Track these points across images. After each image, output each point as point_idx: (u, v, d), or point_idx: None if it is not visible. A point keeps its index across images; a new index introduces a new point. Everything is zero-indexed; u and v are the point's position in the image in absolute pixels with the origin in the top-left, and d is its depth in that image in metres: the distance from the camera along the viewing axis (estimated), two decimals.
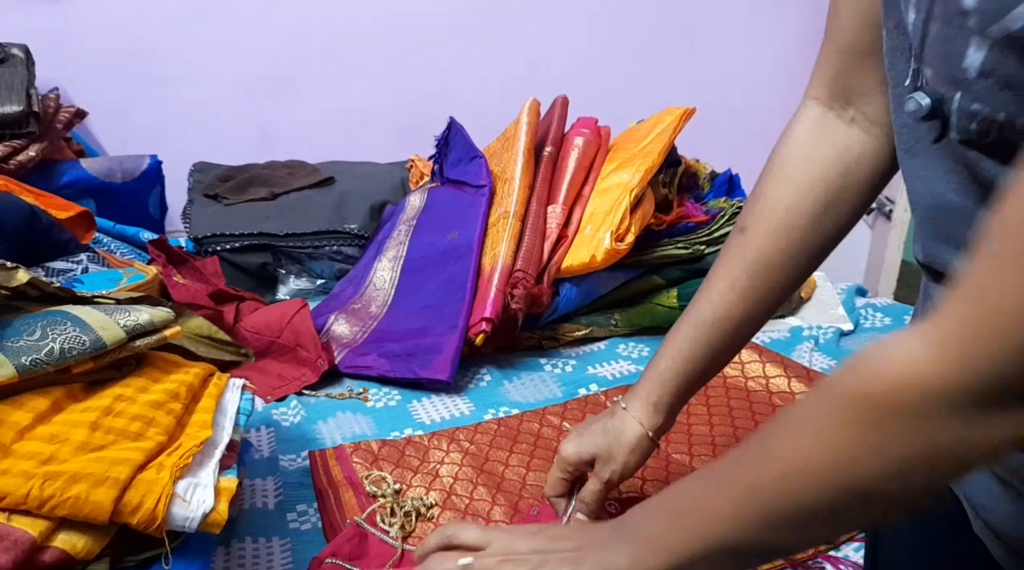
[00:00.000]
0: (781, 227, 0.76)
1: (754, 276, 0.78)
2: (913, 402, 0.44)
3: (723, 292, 0.79)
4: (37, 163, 1.57)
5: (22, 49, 1.69)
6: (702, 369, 0.84)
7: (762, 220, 0.77)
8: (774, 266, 0.77)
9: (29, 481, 0.72)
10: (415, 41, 2.39)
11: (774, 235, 0.76)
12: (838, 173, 0.74)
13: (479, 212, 1.51)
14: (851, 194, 0.75)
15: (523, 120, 1.58)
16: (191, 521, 0.77)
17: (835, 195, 0.75)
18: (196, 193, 1.81)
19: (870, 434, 0.47)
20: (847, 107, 0.73)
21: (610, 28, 2.49)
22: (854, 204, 0.75)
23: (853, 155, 0.74)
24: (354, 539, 0.93)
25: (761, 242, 0.77)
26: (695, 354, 0.82)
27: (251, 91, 2.34)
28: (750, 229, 0.78)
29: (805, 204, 0.75)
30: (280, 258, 1.66)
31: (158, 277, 1.32)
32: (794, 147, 0.77)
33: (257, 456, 1.11)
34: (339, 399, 1.28)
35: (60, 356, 0.81)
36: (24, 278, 0.85)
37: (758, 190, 0.79)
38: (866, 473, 0.47)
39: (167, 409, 0.85)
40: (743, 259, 0.78)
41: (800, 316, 1.55)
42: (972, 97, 0.47)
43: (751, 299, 0.78)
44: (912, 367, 0.44)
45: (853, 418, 0.47)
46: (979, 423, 0.43)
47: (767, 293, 0.79)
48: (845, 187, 0.74)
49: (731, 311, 0.79)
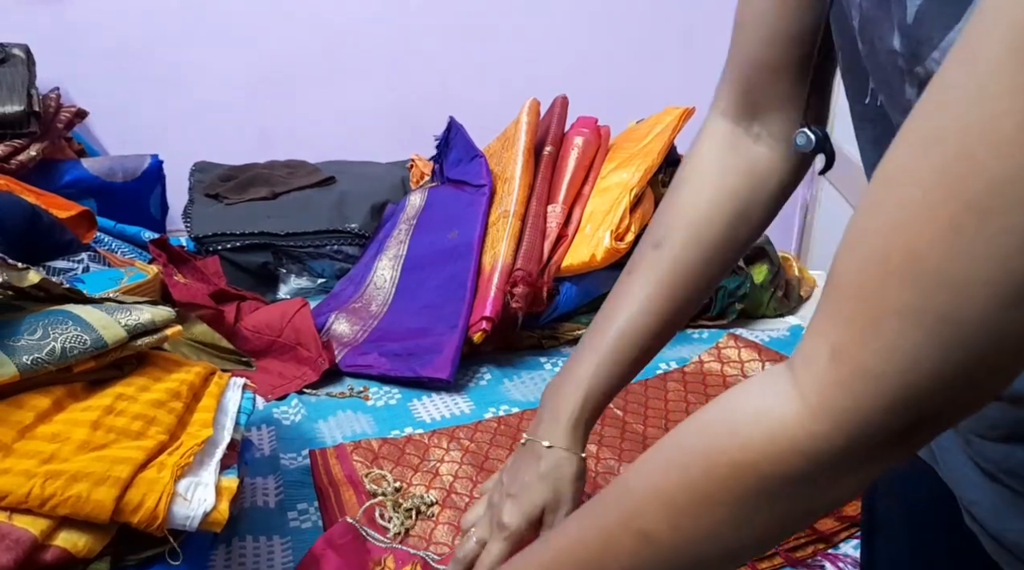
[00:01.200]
0: (697, 239, 0.76)
1: (672, 287, 0.77)
2: (802, 470, 0.44)
3: (641, 305, 0.78)
4: (38, 163, 1.57)
5: (23, 49, 1.70)
6: (617, 386, 0.82)
7: (677, 233, 0.77)
8: (690, 277, 0.77)
9: (30, 480, 0.72)
10: (415, 41, 2.39)
11: (690, 247, 0.76)
12: (748, 187, 0.74)
13: (479, 211, 1.51)
14: (758, 209, 0.75)
15: (523, 120, 1.58)
16: (192, 520, 0.77)
17: (745, 208, 0.75)
18: (197, 193, 1.81)
19: (760, 504, 0.46)
20: (752, 123, 0.73)
21: (610, 28, 2.49)
22: (761, 218, 0.76)
23: (760, 170, 0.74)
24: (347, 536, 0.93)
25: (676, 254, 0.76)
26: (613, 372, 0.80)
27: (252, 91, 2.34)
28: (665, 242, 0.77)
29: (718, 217, 0.75)
30: (281, 257, 1.66)
31: (159, 276, 1.32)
32: (706, 160, 0.77)
33: (258, 455, 1.11)
34: (339, 398, 1.28)
35: (61, 355, 0.81)
36: (35, 279, 0.86)
37: (670, 202, 0.79)
38: (745, 540, 0.48)
39: (168, 408, 0.85)
40: (660, 272, 0.77)
41: (800, 315, 1.55)
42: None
43: (670, 311, 0.78)
44: (795, 434, 0.43)
45: (742, 490, 0.46)
46: (851, 476, 0.44)
47: (684, 305, 0.79)
48: (754, 201, 0.75)
49: (650, 325, 0.78)
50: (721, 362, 1.34)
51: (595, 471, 1.09)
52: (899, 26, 0.45)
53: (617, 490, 0.55)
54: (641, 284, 0.78)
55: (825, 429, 0.42)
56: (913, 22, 0.44)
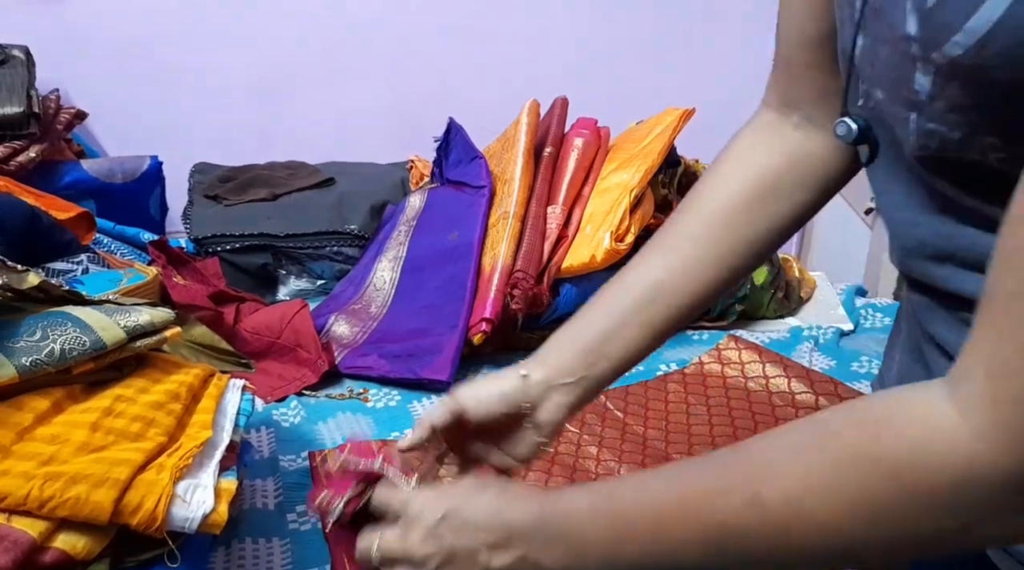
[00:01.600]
0: (721, 211, 0.74)
1: (690, 255, 0.74)
2: (950, 485, 0.43)
3: (668, 263, 0.75)
4: (37, 164, 1.57)
5: (22, 50, 1.69)
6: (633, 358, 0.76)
7: (705, 201, 0.76)
8: (710, 248, 0.74)
9: (29, 482, 0.72)
10: (415, 41, 2.39)
11: (714, 218, 0.74)
12: (782, 166, 0.74)
13: (479, 212, 1.51)
14: (797, 188, 0.74)
15: (523, 121, 1.58)
16: (191, 522, 0.77)
17: (774, 186, 0.74)
18: (196, 194, 1.81)
19: (886, 507, 0.45)
20: (792, 113, 0.74)
21: (610, 29, 2.49)
22: (801, 198, 0.74)
23: (799, 153, 0.74)
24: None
25: (703, 217, 0.75)
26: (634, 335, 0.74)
27: (252, 92, 2.34)
28: (692, 208, 0.77)
29: (746, 190, 0.74)
30: (280, 259, 1.66)
31: (158, 278, 1.32)
32: (744, 141, 0.77)
33: (257, 457, 1.11)
34: (339, 399, 1.28)
35: (61, 357, 0.81)
36: (35, 281, 0.86)
37: (704, 177, 0.78)
38: (857, 539, 0.47)
39: (167, 410, 0.85)
40: (678, 237, 0.75)
41: (800, 316, 1.55)
42: (927, 118, 0.47)
43: (692, 277, 0.74)
44: (948, 446, 0.42)
45: (876, 488, 0.45)
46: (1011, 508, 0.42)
47: (705, 276, 0.74)
48: (789, 180, 0.74)
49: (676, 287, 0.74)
50: (721, 363, 1.34)
51: (595, 472, 1.09)
52: (917, 9, 0.45)
53: (739, 452, 0.54)
54: (668, 244, 0.76)
55: (983, 448, 0.41)
56: (934, 5, 0.44)
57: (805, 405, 1.22)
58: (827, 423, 0.51)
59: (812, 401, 1.23)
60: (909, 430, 0.45)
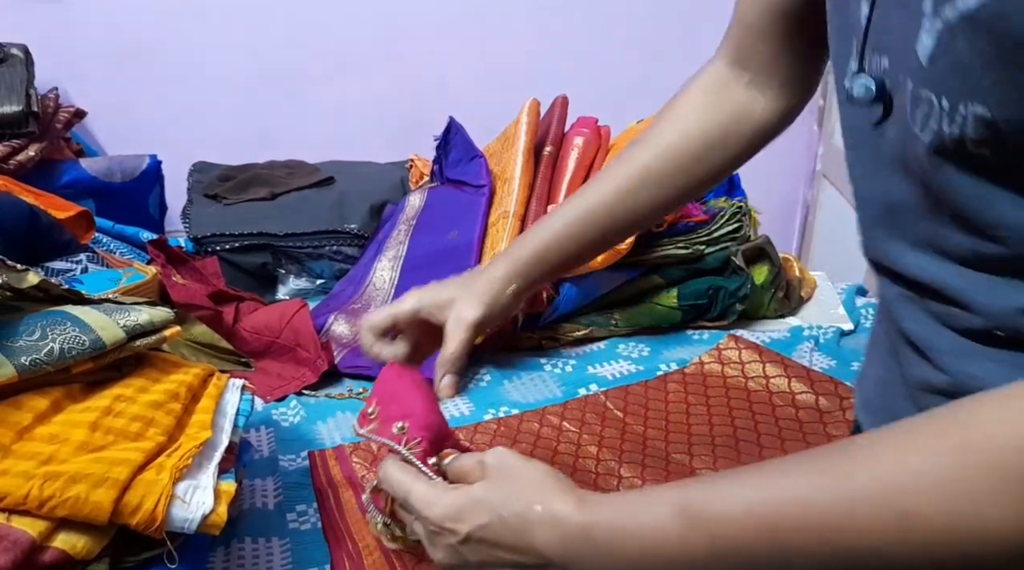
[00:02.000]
0: (670, 147, 0.82)
1: (638, 183, 0.82)
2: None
3: (608, 191, 0.83)
4: (36, 163, 1.57)
5: (21, 49, 1.69)
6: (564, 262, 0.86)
7: (655, 138, 0.83)
8: (653, 180, 0.82)
9: (29, 481, 0.72)
10: (415, 41, 2.39)
11: (663, 152, 0.82)
12: (729, 119, 0.81)
13: (479, 212, 1.51)
14: (735, 142, 0.82)
15: (523, 120, 1.57)
16: (190, 522, 0.77)
17: (722, 137, 0.81)
18: (196, 193, 1.81)
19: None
20: (744, 72, 0.81)
21: (610, 28, 2.48)
22: (734, 151, 0.82)
23: (745, 110, 0.81)
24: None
25: (650, 156, 0.82)
26: (566, 245, 0.84)
27: (251, 91, 2.34)
28: (641, 143, 0.83)
29: (695, 134, 0.81)
30: (280, 258, 1.66)
31: (157, 277, 1.32)
32: (698, 89, 0.84)
33: (257, 456, 1.11)
34: (339, 399, 1.28)
35: (60, 356, 0.81)
36: (34, 280, 0.85)
37: (661, 115, 0.85)
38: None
39: (167, 409, 0.85)
40: (631, 166, 0.83)
41: (800, 316, 1.55)
42: (922, 82, 0.47)
43: (630, 203, 0.83)
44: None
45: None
46: None
47: (646, 203, 0.83)
48: (732, 134, 0.81)
49: (615, 208, 0.83)
50: (722, 363, 1.34)
51: (595, 472, 1.09)
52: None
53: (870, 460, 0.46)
54: (615, 173, 0.84)
55: None
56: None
57: (806, 405, 1.22)
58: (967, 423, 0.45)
59: (812, 401, 1.22)
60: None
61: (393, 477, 0.69)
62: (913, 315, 0.57)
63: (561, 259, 0.85)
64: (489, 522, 0.60)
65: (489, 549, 0.60)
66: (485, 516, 0.60)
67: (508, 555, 0.59)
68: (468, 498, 0.62)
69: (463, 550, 0.61)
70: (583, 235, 0.84)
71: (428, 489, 0.66)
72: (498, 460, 0.64)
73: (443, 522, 0.62)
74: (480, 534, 0.60)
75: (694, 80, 0.85)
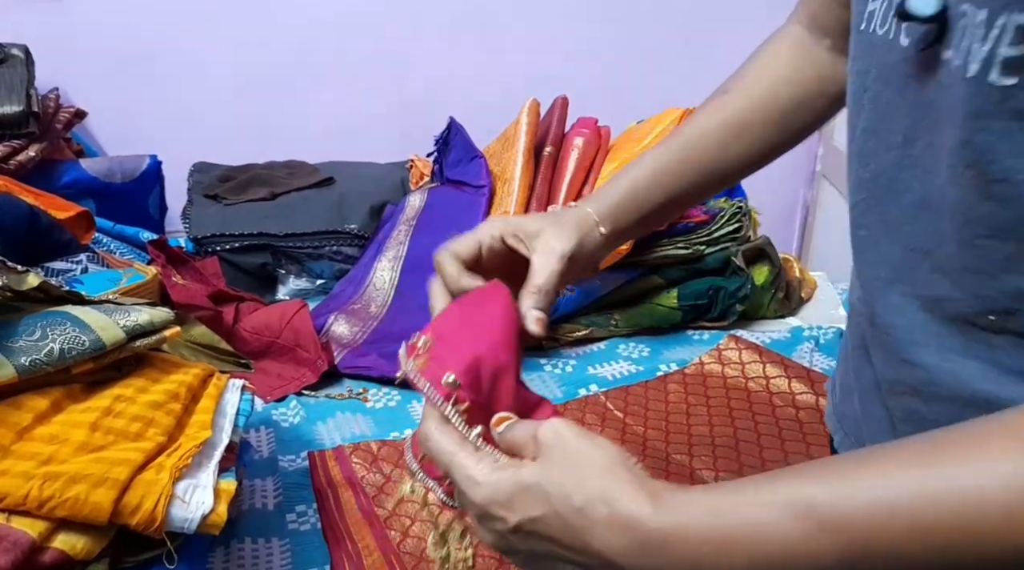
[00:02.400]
0: (761, 99, 0.77)
1: (728, 134, 0.77)
2: None
3: (696, 140, 0.78)
4: (37, 163, 1.57)
5: (22, 49, 1.69)
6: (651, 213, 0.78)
7: (745, 88, 0.79)
8: (743, 131, 0.77)
9: (29, 482, 0.72)
10: (415, 41, 2.39)
11: (753, 103, 0.77)
12: (816, 77, 0.77)
13: (479, 212, 1.51)
14: (824, 102, 0.77)
15: (523, 120, 1.57)
16: (190, 522, 0.77)
17: (810, 94, 0.77)
18: (196, 193, 1.81)
19: None
20: (823, 37, 0.77)
21: (610, 28, 2.48)
22: (822, 111, 0.78)
23: (829, 71, 0.76)
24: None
25: (740, 105, 0.78)
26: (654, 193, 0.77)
27: (251, 91, 2.34)
28: (727, 94, 0.79)
29: (784, 91, 0.77)
30: (280, 258, 1.66)
31: (157, 277, 1.32)
32: (780, 47, 0.79)
33: (256, 457, 1.11)
34: (339, 399, 1.28)
35: (60, 356, 0.81)
36: (35, 282, 0.85)
37: (746, 67, 0.81)
38: None
39: (167, 410, 0.85)
40: (719, 115, 0.78)
41: (800, 316, 1.55)
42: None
43: (719, 154, 0.78)
44: None
45: None
46: None
47: (732, 156, 0.78)
48: (820, 93, 0.77)
49: (700, 160, 0.77)
50: (722, 364, 1.34)
51: None
52: None
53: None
54: (702, 121, 0.78)
55: None
56: None
57: (806, 405, 1.22)
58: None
59: (813, 402, 1.22)
60: None
61: (434, 438, 0.59)
62: (895, 301, 0.54)
63: (649, 208, 0.77)
64: (543, 515, 0.51)
65: (543, 543, 0.52)
66: (538, 507, 0.51)
67: (566, 553, 0.51)
68: (517, 483, 0.53)
69: (513, 539, 0.54)
70: (671, 185, 0.77)
71: (473, 464, 0.56)
72: (554, 436, 0.54)
73: (489, 507, 0.54)
74: (532, 527, 0.52)
75: (772, 41, 0.81)
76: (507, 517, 0.53)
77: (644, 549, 0.47)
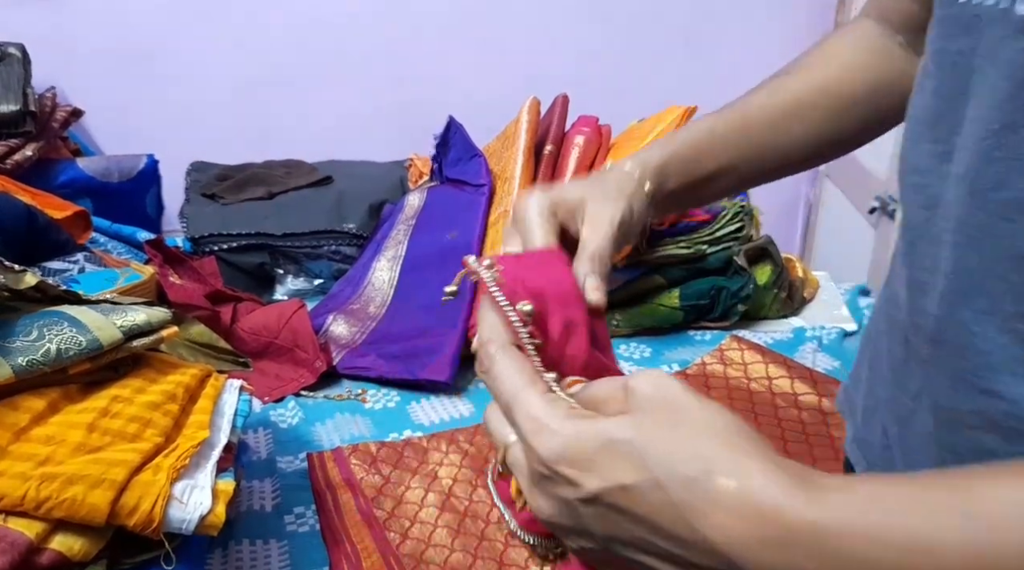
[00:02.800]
0: (827, 83, 0.72)
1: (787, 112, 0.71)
2: None
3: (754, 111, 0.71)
4: (34, 162, 1.56)
5: (19, 48, 1.69)
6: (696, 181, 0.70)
7: (810, 71, 0.73)
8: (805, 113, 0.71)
9: (26, 482, 0.72)
10: (415, 40, 2.39)
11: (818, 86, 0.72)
12: (892, 69, 0.72)
13: (479, 211, 1.50)
14: (900, 95, 0.69)
15: (523, 119, 1.57)
16: (188, 523, 0.76)
17: (886, 85, 0.71)
18: (193, 193, 1.80)
19: None
20: (896, 34, 0.73)
21: (611, 27, 2.48)
22: (897, 104, 0.70)
23: (906, 66, 0.70)
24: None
25: (803, 86, 0.72)
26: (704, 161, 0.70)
27: (249, 90, 2.34)
28: (794, 74, 0.74)
29: (851, 78, 0.72)
30: (278, 258, 1.65)
31: (155, 277, 1.31)
32: (850, 36, 0.74)
33: (255, 458, 1.10)
34: (337, 400, 1.27)
35: (57, 357, 0.80)
36: (32, 281, 0.85)
37: (811, 53, 0.75)
38: None
39: (164, 410, 0.84)
40: (783, 94, 0.72)
41: (803, 317, 1.54)
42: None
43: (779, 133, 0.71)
44: None
45: None
46: None
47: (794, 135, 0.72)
48: (897, 84, 0.70)
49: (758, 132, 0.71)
50: (724, 364, 1.33)
51: None
52: None
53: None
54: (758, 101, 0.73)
55: None
56: None
57: (808, 406, 1.21)
58: None
59: (816, 402, 1.22)
60: None
61: (499, 365, 0.47)
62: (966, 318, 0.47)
63: (698, 174, 0.70)
64: (635, 484, 0.38)
65: (627, 524, 0.39)
66: (629, 472, 0.38)
67: (659, 539, 0.38)
68: (604, 436, 0.40)
69: (584, 513, 0.40)
70: (722, 154, 0.70)
71: (545, 404, 0.43)
72: (654, 387, 0.41)
73: (557, 464, 0.40)
74: (615, 499, 0.39)
75: (839, 32, 0.76)
76: (582, 481, 0.40)
77: (781, 547, 0.35)
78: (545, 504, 0.42)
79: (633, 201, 0.64)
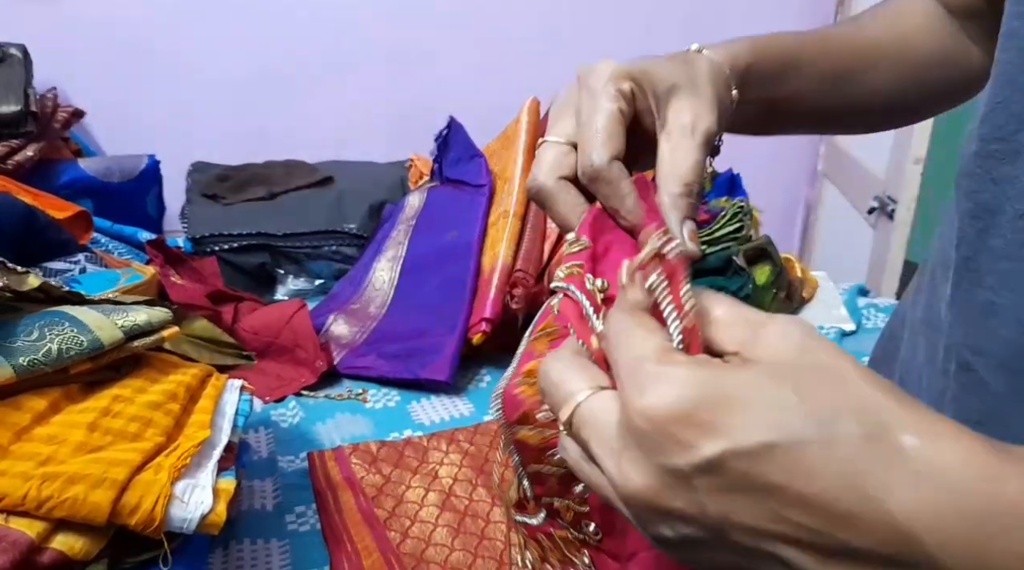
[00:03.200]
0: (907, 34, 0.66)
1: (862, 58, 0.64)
2: None
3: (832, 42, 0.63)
4: (35, 163, 1.57)
5: (20, 48, 1.69)
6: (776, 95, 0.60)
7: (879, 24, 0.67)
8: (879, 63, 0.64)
9: (27, 482, 0.72)
10: (415, 40, 2.39)
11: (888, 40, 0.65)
12: (953, 45, 0.67)
13: (479, 211, 1.50)
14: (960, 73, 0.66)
15: (523, 119, 1.57)
16: (189, 522, 0.77)
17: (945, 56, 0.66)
18: (194, 193, 1.80)
19: None
20: (953, 19, 0.69)
21: (610, 27, 2.48)
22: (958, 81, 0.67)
23: (964, 48, 0.67)
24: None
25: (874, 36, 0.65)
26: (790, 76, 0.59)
27: (250, 90, 2.34)
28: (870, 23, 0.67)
29: (919, 39, 0.66)
30: (278, 258, 1.66)
31: (156, 277, 1.31)
32: (913, 4, 0.69)
33: (255, 457, 1.11)
34: (338, 400, 1.27)
35: (58, 357, 0.80)
36: (35, 283, 0.85)
37: (883, 7, 0.69)
38: None
39: (165, 410, 0.85)
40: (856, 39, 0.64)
41: (802, 316, 1.54)
42: None
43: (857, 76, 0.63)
44: None
45: None
46: None
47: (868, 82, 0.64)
48: (958, 62, 0.66)
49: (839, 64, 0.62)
50: None
51: None
52: None
53: None
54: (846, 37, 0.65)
55: None
56: None
57: None
58: None
59: None
60: None
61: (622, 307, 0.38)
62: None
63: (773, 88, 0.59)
64: (780, 442, 0.29)
65: (759, 498, 0.30)
66: (772, 429, 0.30)
67: (807, 519, 0.29)
68: (737, 379, 0.31)
69: (698, 485, 0.31)
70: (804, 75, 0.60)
71: (660, 350, 0.34)
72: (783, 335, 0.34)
73: (670, 422, 0.31)
74: (747, 466, 0.30)
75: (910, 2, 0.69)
76: (700, 443, 0.30)
77: (984, 520, 0.27)
78: (638, 475, 0.32)
79: (723, 105, 0.52)
